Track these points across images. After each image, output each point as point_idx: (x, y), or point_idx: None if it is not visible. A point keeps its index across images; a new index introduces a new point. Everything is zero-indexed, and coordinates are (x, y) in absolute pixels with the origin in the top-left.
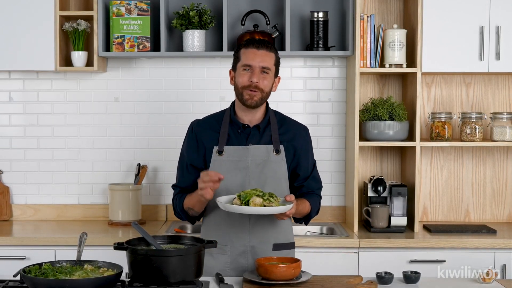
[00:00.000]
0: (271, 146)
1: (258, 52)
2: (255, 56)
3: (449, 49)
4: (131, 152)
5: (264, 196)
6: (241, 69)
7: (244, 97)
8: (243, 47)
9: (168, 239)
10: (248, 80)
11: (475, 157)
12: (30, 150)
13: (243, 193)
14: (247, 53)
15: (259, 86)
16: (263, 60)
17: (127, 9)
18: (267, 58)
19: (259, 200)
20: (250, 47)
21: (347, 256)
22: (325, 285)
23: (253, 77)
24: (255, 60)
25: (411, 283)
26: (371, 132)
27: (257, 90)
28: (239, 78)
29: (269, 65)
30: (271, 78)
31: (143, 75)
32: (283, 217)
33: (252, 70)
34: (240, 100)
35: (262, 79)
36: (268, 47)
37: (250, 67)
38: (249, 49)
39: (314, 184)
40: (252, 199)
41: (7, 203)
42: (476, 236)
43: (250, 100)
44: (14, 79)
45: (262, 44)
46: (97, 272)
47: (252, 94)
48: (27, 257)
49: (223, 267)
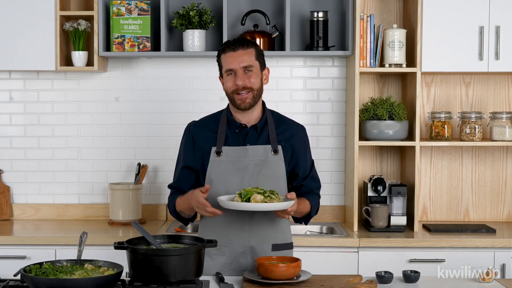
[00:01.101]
0: (269, 146)
1: (235, 54)
2: (233, 59)
3: (449, 49)
4: (131, 151)
5: (265, 194)
6: (225, 75)
7: (236, 102)
8: (221, 52)
9: (168, 239)
10: (233, 84)
11: (475, 157)
12: (30, 150)
13: (244, 191)
14: (226, 58)
15: (246, 86)
16: (242, 60)
17: (128, 9)
18: (245, 57)
19: (260, 197)
20: (227, 51)
21: (347, 255)
22: (325, 284)
23: (237, 80)
24: (233, 63)
25: (411, 282)
26: (371, 132)
27: (246, 91)
28: (226, 84)
29: (250, 63)
30: (257, 74)
31: (144, 75)
32: (284, 214)
33: (235, 73)
34: (234, 105)
35: (247, 78)
36: (244, 45)
37: (232, 71)
38: (226, 54)
39: (313, 183)
40: (253, 196)
41: (8, 202)
42: (475, 235)
43: (243, 104)
44: (14, 79)
45: (238, 44)
46: (98, 272)
47: (242, 97)
48: (27, 256)
49: (222, 268)
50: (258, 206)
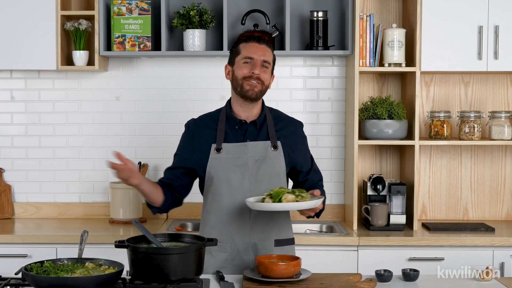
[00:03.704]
0: (268, 142)
1: (259, 46)
2: (257, 50)
3: (448, 48)
4: (132, 150)
5: (295, 193)
6: (241, 62)
7: (245, 88)
8: (243, 41)
9: (168, 237)
10: (249, 71)
11: (474, 156)
12: (31, 149)
13: (273, 192)
14: (247, 47)
15: (260, 77)
16: (264, 54)
17: (128, 9)
18: (267, 53)
19: (292, 197)
20: (251, 41)
21: (346, 254)
22: (324, 282)
23: (255, 68)
24: (256, 53)
25: (410, 281)
26: (370, 131)
27: (258, 81)
28: (239, 70)
29: (269, 59)
30: (270, 72)
31: (144, 74)
32: (310, 212)
33: (254, 63)
34: (240, 92)
35: (263, 72)
36: (267, 43)
37: (251, 59)
38: (250, 43)
39: (316, 176)
40: (284, 196)
41: (9, 201)
42: (474, 234)
43: (251, 91)
44: (16, 78)
45: (262, 40)
46: (98, 270)
47: (253, 84)
48: (28, 255)
49: (223, 265)
50: (292, 205)
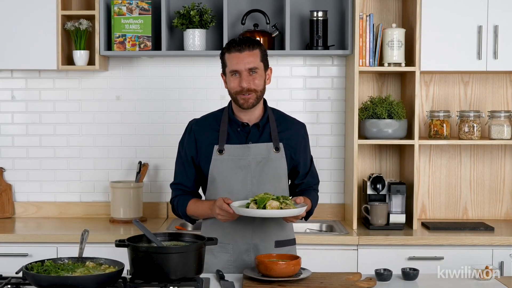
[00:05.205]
0: (271, 144)
1: (241, 55)
2: (239, 60)
3: (448, 48)
4: (132, 150)
5: (279, 200)
6: (229, 75)
7: (239, 101)
8: (226, 51)
9: (169, 237)
10: (238, 85)
11: (473, 155)
12: (32, 148)
13: (258, 198)
14: (231, 58)
15: (250, 88)
16: (248, 62)
17: (129, 9)
18: (251, 59)
19: (276, 203)
20: (232, 51)
21: (346, 253)
22: (324, 281)
23: (242, 82)
24: (239, 64)
25: (410, 280)
26: (370, 131)
27: (249, 92)
28: (230, 83)
29: (255, 65)
30: (261, 76)
31: (144, 74)
32: (294, 219)
33: (240, 75)
34: (237, 104)
35: (252, 80)
36: (250, 46)
37: (237, 72)
38: (232, 54)
39: (312, 179)
40: (269, 203)
41: (10, 200)
42: (474, 233)
43: (245, 104)
44: (16, 78)
45: (244, 44)
46: (99, 269)
47: (246, 98)
48: (29, 254)
49: (225, 265)
50: (275, 212)
